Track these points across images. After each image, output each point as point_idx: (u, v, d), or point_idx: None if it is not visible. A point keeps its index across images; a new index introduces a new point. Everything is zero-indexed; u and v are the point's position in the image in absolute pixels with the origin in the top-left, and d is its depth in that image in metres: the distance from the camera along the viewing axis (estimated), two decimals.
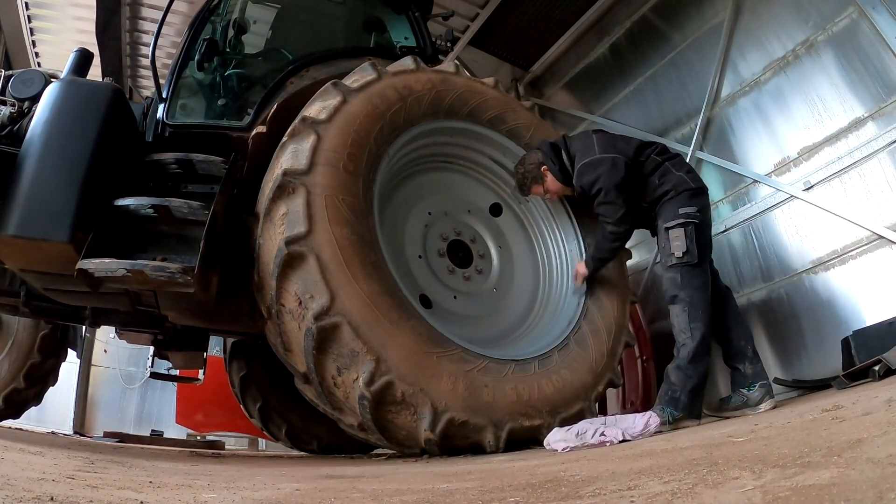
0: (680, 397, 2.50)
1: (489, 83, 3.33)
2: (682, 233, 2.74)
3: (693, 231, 2.74)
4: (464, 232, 3.19)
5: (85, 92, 2.74)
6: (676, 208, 2.81)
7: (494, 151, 3.30)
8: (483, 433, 2.31)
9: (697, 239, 2.74)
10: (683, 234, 2.73)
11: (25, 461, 1.71)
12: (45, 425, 6.16)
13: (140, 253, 2.54)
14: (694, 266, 2.71)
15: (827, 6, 3.60)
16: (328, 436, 4.16)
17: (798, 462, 0.93)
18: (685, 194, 2.83)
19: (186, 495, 1.21)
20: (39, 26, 5.44)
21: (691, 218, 2.77)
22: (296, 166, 2.49)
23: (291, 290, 2.35)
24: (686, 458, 1.26)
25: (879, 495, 0.66)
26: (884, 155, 3.20)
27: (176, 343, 4.03)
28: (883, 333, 2.72)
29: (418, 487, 1.33)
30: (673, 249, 2.74)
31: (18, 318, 4.14)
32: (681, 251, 2.72)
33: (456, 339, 2.48)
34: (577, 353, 2.75)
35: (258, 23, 3.75)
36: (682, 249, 2.72)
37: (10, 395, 4.31)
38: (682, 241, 2.72)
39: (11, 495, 0.98)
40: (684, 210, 2.79)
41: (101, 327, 4.19)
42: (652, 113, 4.77)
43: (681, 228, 2.75)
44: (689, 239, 2.72)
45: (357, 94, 2.78)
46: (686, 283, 2.69)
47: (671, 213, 2.82)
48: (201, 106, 3.20)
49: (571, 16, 5.46)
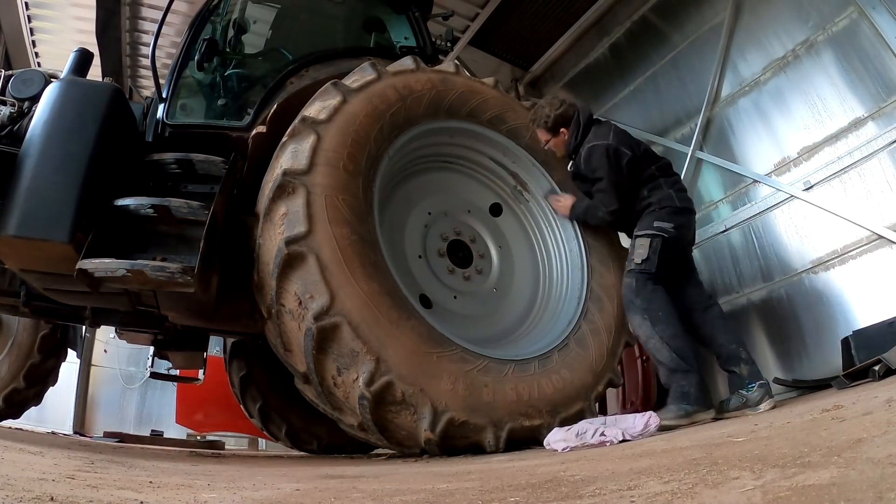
0: (689, 391, 2.53)
1: (489, 83, 3.33)
2: (648, 242, 2.80)
3: (659, 244, 2.80)
4: (464, 232, 3.19)
5: (85, 92, 2.74)
6: (652, 221, 2.87)
7: (494, 151, 3.30)
8: (483, 433, 2.31)
9: (662, 252, 2.79)
10: (648, 244, 2.80)
11: (25, 461, 1.71)
12: (45, 425, 6.16)
13: (140, 253, 2.54)
14: (650, 275, 2.76)
15: (827, 6, 3.60)
16: (328, 436, 4.16)
17: (798, 462, 0.93)
18: (666, 210, 2.88)
19: (186, 495, 1.21)
20: (39, 26, 5.44)
21: (662, 231, 2.82)
22: (296, 166, 2.49)
23: (291, 290, 2.35)
24: (686, 458, 1.26)
25: (879, 495, 0.66)
26: (884, 155, 3.21)
27: (176, 343, 4.03)
28: (883, 333, 2.72)
29: (418, 487, 1.33)
30: (634, 256, 2.83)
31: (18, 318, 4.14)
32: (640, 258, 2.79)
33: (456, 338, 2.48)
34: (577, 353, 2.74)
35: (258, 23, 3.75)
36: (642, 257, 2.79)
37: (10, 395, 4.31)
38: (645, 250, 2.79)
39: (11, 495, 0.98)
40: (659, 224, 2.85)
41: (101, 327, 4.19)
42: (652, 113, 4.77)
43: (647, 238, 2.82)
44: (653, 250, 2.78)
45: (357, 94, 2.78)
46: (641, 289, 2.75)
47: (645, 224, 2.89)
48: (201, 106, 3.20)
49: (571, 16, 5.47)
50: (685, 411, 2.49)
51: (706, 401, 2.57)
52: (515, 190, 3.38)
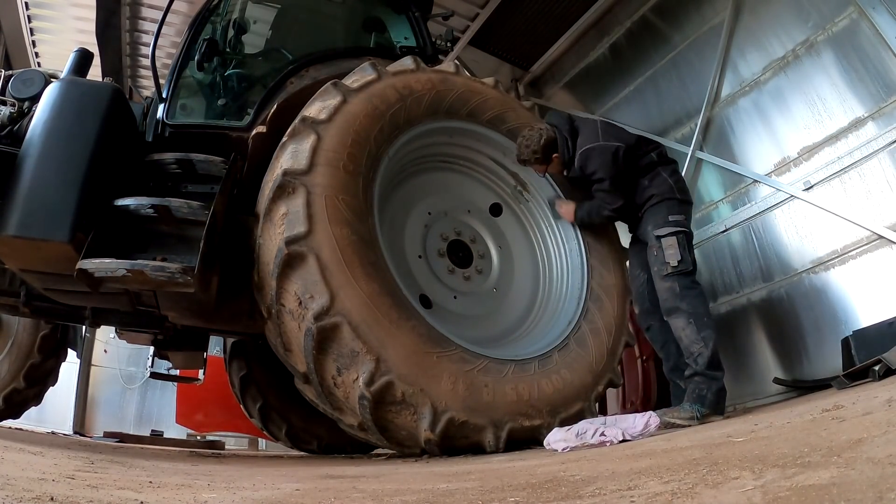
0: (706, 395, 2.53)
1: (489, 83, 3.33)
2: (675, 241, 2.76)
3: (685, 239, 2.78)
4: (464, 232, 3.19)
5: (85, 92, 2.74)
6: (666, 215, 2.83)
7: (494, 151, 3.30)
8: (483, 433, 2.31)
9: (690, 247, 2.78)
10: (676, 243, 2.75)
11: (25, 461, 1.71)
12: (45, 425, 6.16)
13: (140, 253, 2.53)
14: (688, 273, 2.74)
15: (827, 6, 3.60)
16: (328, 436, 4.16)
17: (798, 462, 0.93)
18: (673, 202, 2.86)
19: (186, 495, 1.21)
20: (39, 26, 5.44)
21: (682, 226, 2.80)
22: (296, 166, 2.49)
23: (291, 290, 2.35)
24: (686, 458, 1.26)
25: (879, 495, 0.66)
26: (884, 155, 3.21)
27: (176, 343, 4.03)
28: (883, 333, 2.72)
29: (418, 487, 1.33)
30: (668, 258, 2.75)
31: (18, 318, 4.14)
32: (676, 259, 2.73)
33: (456, 339, 2.48)
34: (577, 353, 2.74)
35: (258, 23, 3.75)
36: (676, 258, 2.73)
37: (10, 395, 4.31)
38: (676, 250, 2.74)
39: (11, 495, 0.98)
40: (674, 217, 2.81)
41: (101, 327, 4.19)
42: (652, 113, 4.77)
43: (673, 237, 2.77)
44: (683, 247, 2.75)
45: (357, 94, 2.78)
46: (684, 293, 2.70)
47: (660, 220, 2.83)
48: (201, 106, 3.20)
49: (571, 16, 5.47)
50: (699, 413, 2.47)
51: (719, 407, 2.56)
52: (515, 190, 3.38)
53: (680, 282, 2.72)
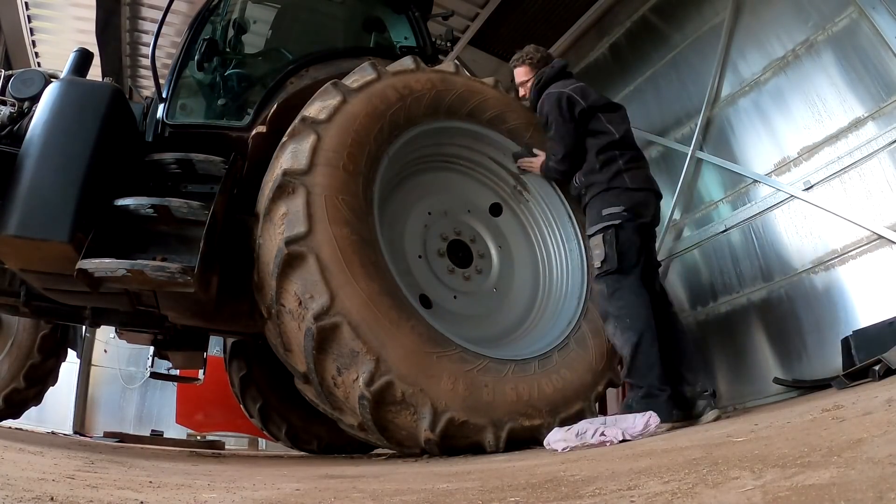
0: (632, 405, 2.40)
1: (489, 83, 3.33)
2: (601, 239, 2.68)
3: (612, 235, 2.65)
4: (464, 232, 3.19)
5: (85, 92, 2.74)
6: (600, 209, 2.73)
7: (494, 151, 3.29)
8: (483, 433, 2.31)
9: (618, 241, 2.64)
10: (602, 241, 2.67)
11: (25, 461, 1.71)
12: (45, 425, 6.16)
13: (140, 253, 2.54)
14: (614, 272, 2.63)
15: (827, 6, 3.60)
16: (328, 436, 4.16)
17: (798, 462, 0.93)
18: (614, 191, 2.73)
19: (186, 495, 1.21)
20: (39, 26, 5.45)
21: (613, 219, 2.67)
22: (296, 166, 2.49)
23: (291, 290, 2.35)
24: (686, 458, 1.26)
25: (879, 495, 0.66)
26: (884, 155, 3.20)
27: (176, 343, 4.03)
28: (883, 333, 2.72)
29: (418, 487, 1.33)
30: (594, 259, 2.71)
31: (18, 318, 4.14)
32: (599, 260, 2.67)
33: (456, 338, 2.48)
34: (577, 353, 2.74)
35: (258, 23, 3.75)
36: (600, 258, 2.66)
37: (10, 395, 4.31)
38: (601, 249, 2.66)
39: (11, 495, 0.98)
40: (607, 211, 2.70)
41: (101, 327, 4.19)
42: (652, 113, 4.77)
43: (598, 235, 2.70)
44: (608, 244, 2.64)
45: (357, 93, 2.78)
46: (612, 294, 2.61)
47: (594, 217, 2.77)
48: (201, 106, 3.21)
49: (571, 16, 5.47)
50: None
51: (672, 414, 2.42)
52: (515, 190, 3.37)
53: (607, 282, 2.65)
